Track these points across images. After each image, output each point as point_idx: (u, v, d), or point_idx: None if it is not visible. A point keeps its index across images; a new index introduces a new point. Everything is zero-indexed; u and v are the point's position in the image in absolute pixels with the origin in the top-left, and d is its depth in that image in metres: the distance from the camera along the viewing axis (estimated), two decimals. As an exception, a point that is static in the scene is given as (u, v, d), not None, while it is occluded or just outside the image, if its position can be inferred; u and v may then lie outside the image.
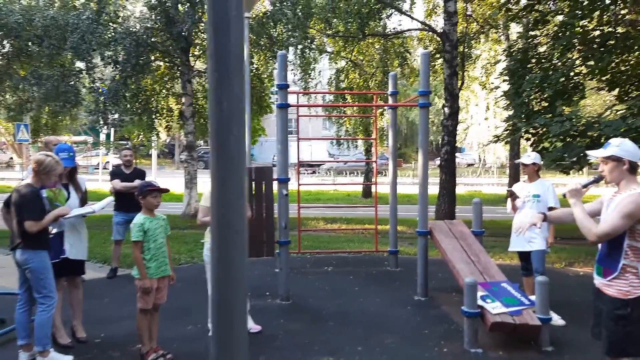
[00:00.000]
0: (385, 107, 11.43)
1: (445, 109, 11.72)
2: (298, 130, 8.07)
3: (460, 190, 21.88)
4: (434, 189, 13.03)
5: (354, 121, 17.36)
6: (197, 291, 6.46)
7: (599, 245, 3.13)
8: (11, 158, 36.65)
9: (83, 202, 5.02)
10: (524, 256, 5.54)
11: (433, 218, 11.31)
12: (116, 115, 14.46)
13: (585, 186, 3.20)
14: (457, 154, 48.48)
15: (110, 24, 12.88)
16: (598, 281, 3.14)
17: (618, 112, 8.54)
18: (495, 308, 4.65)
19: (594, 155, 3.15)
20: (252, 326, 5.10)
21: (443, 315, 5.65)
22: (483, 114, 26.11)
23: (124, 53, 12.45)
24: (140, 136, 22.37)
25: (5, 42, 14.26)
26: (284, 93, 6.18)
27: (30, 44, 13.64)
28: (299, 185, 8.23)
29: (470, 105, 32.08)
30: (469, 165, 43.18)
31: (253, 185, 6.19)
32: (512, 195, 5.65)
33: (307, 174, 33.03)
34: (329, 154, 40.51)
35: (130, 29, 12.64)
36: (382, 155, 28.48)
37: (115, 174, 7.18)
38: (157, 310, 4.49)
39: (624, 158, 3.00)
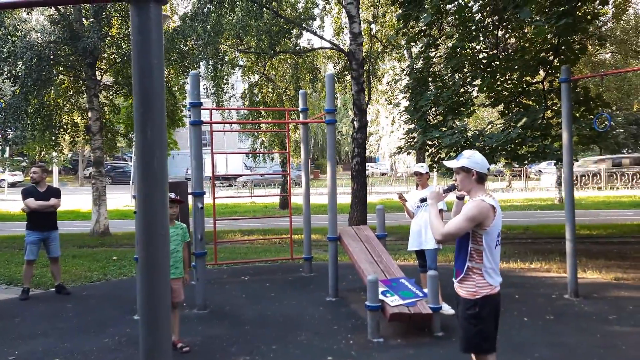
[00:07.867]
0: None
1: (355, 122, 12.46)
2: (212, 145, 8.36)
3: (373, 198, 22.95)
4: (348, 198, 13.72)
5: (270, 135, 17.78)
6: (111, 307, 6.57)
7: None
8: None
9: None
10: (420, 255, 6.22)
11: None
12: (17, 132, 13.84)
13: (445, 191, 3.58)
14: (371, 164, 49.66)
15: (9, 37, 12.41)
16: (455, 283, 3.40)
17: (499, 126, 9.61)
18: (393, 301, 5.23)
19: (448, 165, 3.47)
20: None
21: (351, 312, 6.18)
22: (391, 127, 27.51)
23: (25, 67, 12.06)
24: (43, 152, 21.34)
25: None
26: (197, 111, 6.48)
27: None
28: (214, 198, 8.46)
29: (382, 117, 33.54)
30: (383, 174, 44.87)
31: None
32: (401, 198, 6.34)
33: (223, 187, 32.65)
34: (245, 167, 40.53)
35: (32, 43, 12.27)
36: (299, 167, 28.98)
37: (30, 192, 7.03)
38: (176, 307, 5.04)
39: (473, 169, 3.26)
